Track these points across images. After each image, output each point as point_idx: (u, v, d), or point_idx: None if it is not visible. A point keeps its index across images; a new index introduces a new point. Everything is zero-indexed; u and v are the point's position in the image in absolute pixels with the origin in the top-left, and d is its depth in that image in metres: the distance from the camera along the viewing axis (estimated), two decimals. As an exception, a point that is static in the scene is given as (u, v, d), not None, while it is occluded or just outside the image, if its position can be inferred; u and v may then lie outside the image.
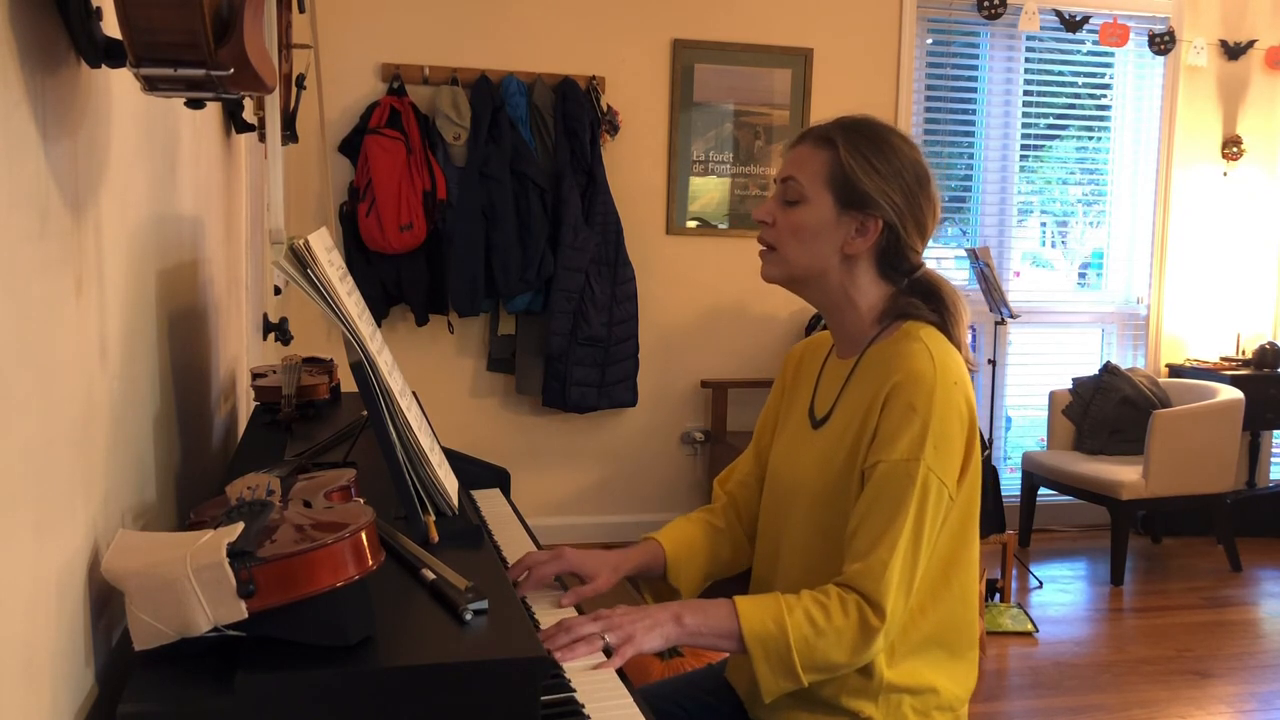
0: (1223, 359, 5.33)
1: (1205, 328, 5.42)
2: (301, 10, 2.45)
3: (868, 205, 1.51)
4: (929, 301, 1.56)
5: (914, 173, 1.53)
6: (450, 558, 1.19)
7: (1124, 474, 4.43)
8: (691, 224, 4.79)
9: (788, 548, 1.59)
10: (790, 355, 1.76)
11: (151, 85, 0.88)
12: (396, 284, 4.33)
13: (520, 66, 4.47)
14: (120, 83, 1.12)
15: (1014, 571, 4.14)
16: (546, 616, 1.50)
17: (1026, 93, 5.19)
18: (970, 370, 1.53)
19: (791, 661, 1.40)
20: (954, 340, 1.54)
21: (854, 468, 1.49)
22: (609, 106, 4.56)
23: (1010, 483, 5.04)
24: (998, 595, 4.03)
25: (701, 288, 4.81)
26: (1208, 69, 5.27)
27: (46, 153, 0.86)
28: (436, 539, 1.28)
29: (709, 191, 4.80)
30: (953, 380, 1.46)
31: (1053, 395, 5.01)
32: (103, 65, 0.92)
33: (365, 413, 1.64)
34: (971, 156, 5.20)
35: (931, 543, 1.45)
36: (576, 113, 4.44)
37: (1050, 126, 5.32)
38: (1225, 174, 5.36)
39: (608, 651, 1.36)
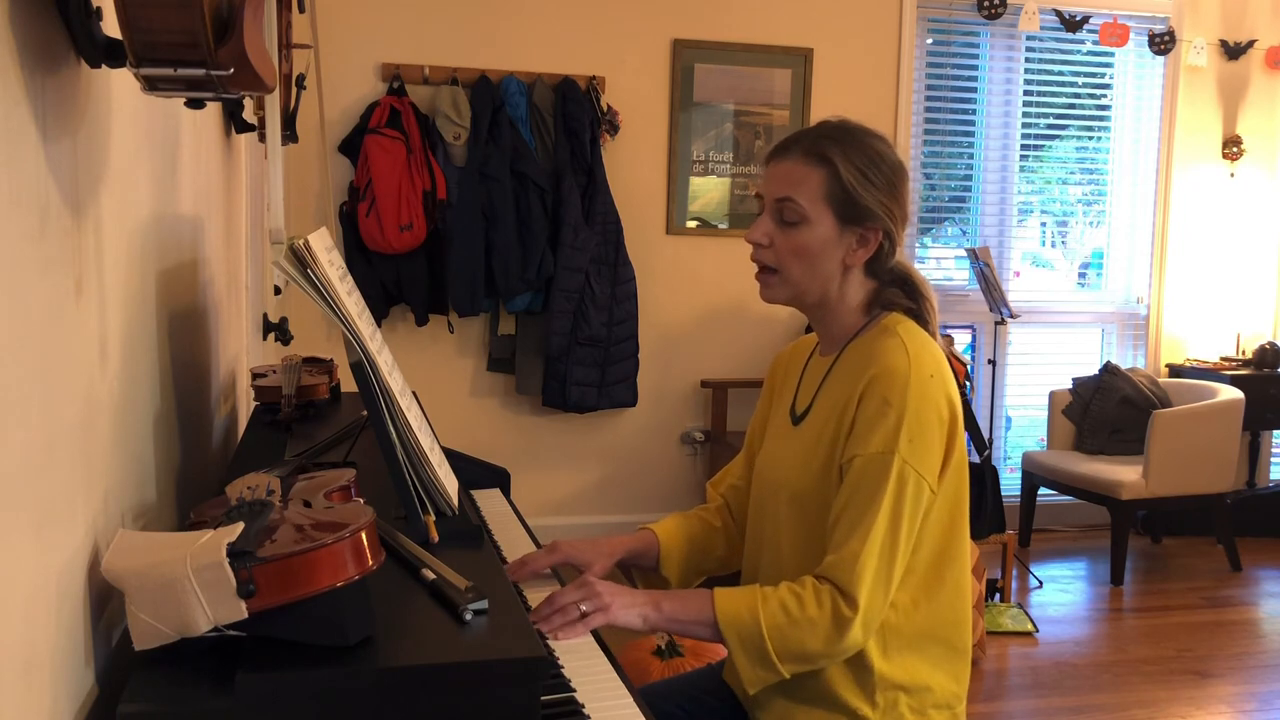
0: (1223, 359, 5.33)
1: (1205, 328, 5.42)
2: (301, 10, 2.45)
3: (868, 219, 1.52)
4: (905, 289, 1.59)
5: (898, 174, 1.54)
6: (450, 558, 1.19)
7: (1124, 474, 4.43)
8: (691, 224, 4.78)
9: (771, 544, 1.60)
10: (777, 359, 1.78)
11: (151, 85, 0.88)
12: (396, 284, 4.33)
13: (520, 66, 4.47)
14: (120, 83, 1.12)
15: (1014, 571, 4.14)
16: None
17: (1026, 93, 5.19)
18: (945, 355, 1.56)
19: (766, 649, 1.42)
20: (929, 326, 1.57)
21: (834, 464, 1.50)
22: (609, 106, 4.56)
23: (1010, 483, 5.05)
24: (998, 595, 4.03)
25: (701, 288, 4.81)
26: (1208, 69, 5.27)
27: (46, 152, 0.86)
28: (436, 539, 1.28)
29: (709, 191, 4.80)
30: (928, 374, 1.47)
31: (1053, 395, 5.01)
32: (103, 65, 0.92)
33: (365, 413, 1.64)
34: (971, 156, 5.20)
35: (911, 535, 1.46)
36: (576, 113, 4.44)
37: (1050, 126, 5.32)
38: (1229, 174, 5.35)
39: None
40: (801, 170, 1.51)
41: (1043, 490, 4.91)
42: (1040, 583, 4.47)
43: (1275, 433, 5.40)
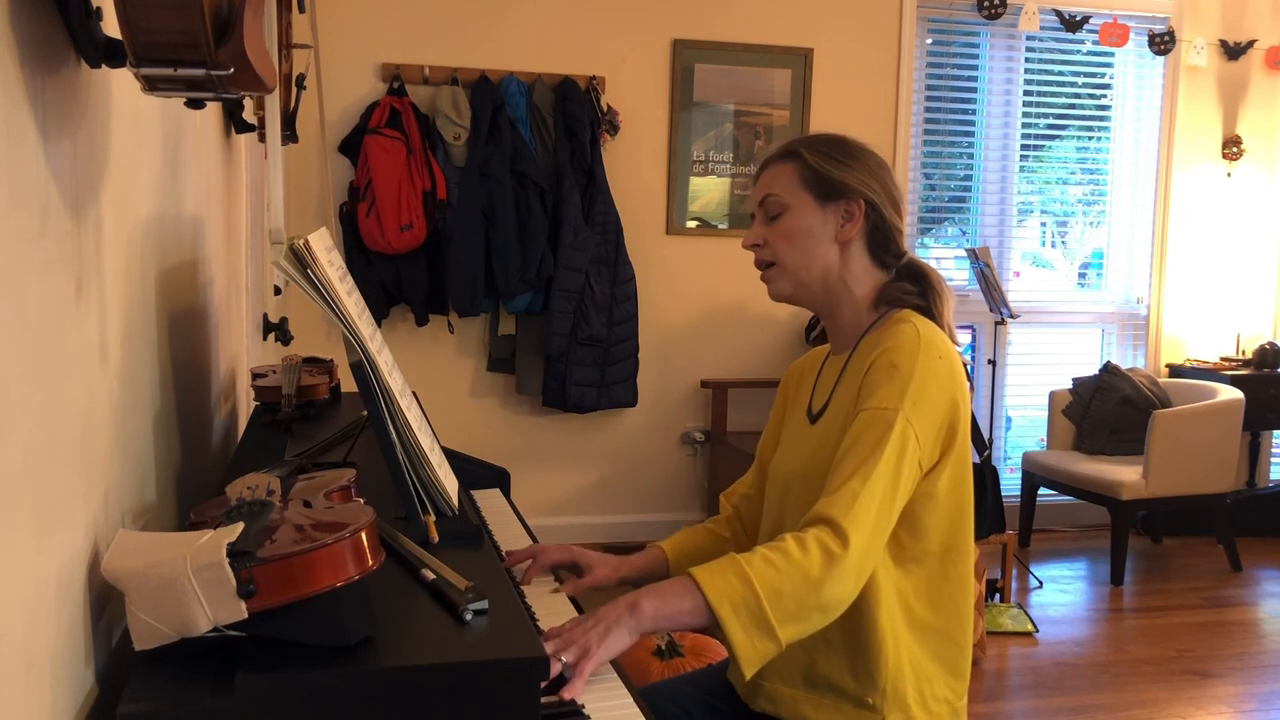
0: (1223, 359, 5.33)
1: (1205, 328, 5.42)
2: (301, 10, 2.45)
3: (845, 192, 1.59)
4: (917, 285, 1.62)
5: (874, 158, 1.64)
6: (450, 558, 1.19)
7: (1124, 474, 4.43)
8: (691, 224, 4.78)
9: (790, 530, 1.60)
10: (789, 372, 1.82)
11: (151, 85, 0.88)
12: (396, 284, 4.33)
13: (520, 66, 4.47)
14: (120, 83, 1.12)
15: (1014, 571, 4.14)
16: (540, 603, 1.52)
17: (1026, 93, 5.19)
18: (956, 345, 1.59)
19: (763, 613, 1.34)
20: (940, 320, 1.60)
21: None
22: (609, 106, 4.56)
23: (1010, 483, 5.05)
24: (998, 595, 4.03)
25: (701, 288, 4.81)
26: (1208, 69, 5.27)
27: (46, 153, 0.86)
28: (436, 539, 1.28)
29: (709, 191, 4.80)
30: (936, 354, 1.50)
31: (1053, 395, 5.01)
32: (103, 65, 0.92)
33: (365, 413, 1.64)
34: (971, 156, 5.20)
35: (902, 499, 1.45)
36: (576, 113, 4.44)
37: (1050, 126, 5.32)
38: (1227, 175, 5.35)
39: (564, 676, 1.25)
40: (776, 170, 1.64)
41: (1043, 490, 4.91)
42: (1040, 583, 4.47)
43: (1275, 433, 5.40)
